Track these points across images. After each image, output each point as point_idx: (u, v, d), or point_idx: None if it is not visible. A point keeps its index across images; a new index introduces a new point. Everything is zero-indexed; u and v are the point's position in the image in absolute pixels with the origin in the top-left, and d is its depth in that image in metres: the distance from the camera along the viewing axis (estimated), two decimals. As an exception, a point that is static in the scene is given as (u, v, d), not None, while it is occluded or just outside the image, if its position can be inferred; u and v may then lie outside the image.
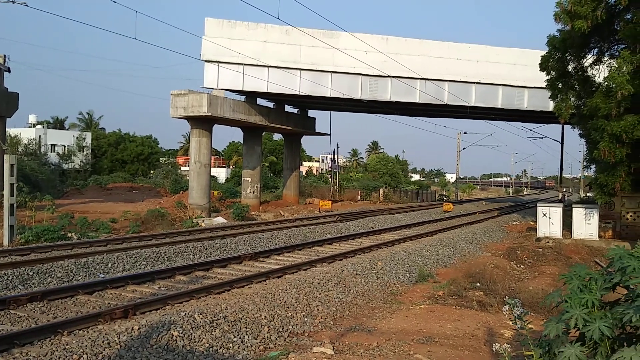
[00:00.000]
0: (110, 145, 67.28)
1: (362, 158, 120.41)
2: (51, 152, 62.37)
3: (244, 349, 8.62)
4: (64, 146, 64.07)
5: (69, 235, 20.51)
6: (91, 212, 29.47)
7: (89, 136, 66.29)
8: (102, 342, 7.69)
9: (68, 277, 12.97)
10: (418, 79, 32.69)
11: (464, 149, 76.48)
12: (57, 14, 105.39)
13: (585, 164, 29.00)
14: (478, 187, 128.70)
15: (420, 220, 30.70)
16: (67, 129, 75.36)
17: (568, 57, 21.79)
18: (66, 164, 58.70)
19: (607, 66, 19.97)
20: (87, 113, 79.28)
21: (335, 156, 49.70)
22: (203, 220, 27.49)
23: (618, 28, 19.66)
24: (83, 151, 62.79)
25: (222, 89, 32.59)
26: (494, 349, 4.29)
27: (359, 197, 50.23)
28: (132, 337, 8.03)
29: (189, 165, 37.39)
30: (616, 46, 21.08)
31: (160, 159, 73.91)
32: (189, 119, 32.10)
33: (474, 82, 33.51)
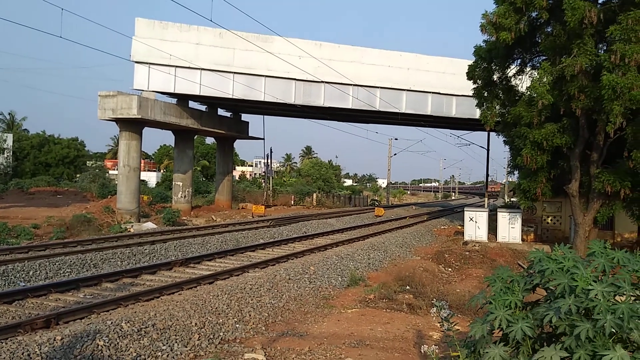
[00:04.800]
0: (33, 147, 64.25)
1: (295, 163, 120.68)
2: (-32, 154, 58.97)
3: (173, 357, 8.44)
4: (-17, 148, 60.68)
5: (-13, 241, 19.49)
6: (12, 217, 28.07)
7: (10, 138, 63.07)
8: (22, 353, 7.34)
9: (-15, 286, 12.32)
10: (351, 85, 33.07)
11: (395, 154, 77.96)
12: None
13: (509, 170, 30.19)
14: (408, 192, 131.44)
15: (353, 225, 31.05)
16: (-14, 130, 71.50)
17: (493, 67, 22.67)
18: (-16, 166, 55.71)
19: (529, 76, 20.90)
20: (9, 114, 75.59)
21: (269, 161, 49.50)
22: (132, 226, 26.74)
23: (539, 40, 20.62)
24: (3, 153, 59.71)
25: (153, 91, 31.86)
26: (422, 351, 4.38)
27: (292, 201, 50.24)
28: (54, 347, 7.69)
29: (117, 169, 36.27)
30: (537, 57, 22.12)
31: (87, 162, 71.30)
32: (117, 121, 31.17)
33: (404, 90, 34.21)
